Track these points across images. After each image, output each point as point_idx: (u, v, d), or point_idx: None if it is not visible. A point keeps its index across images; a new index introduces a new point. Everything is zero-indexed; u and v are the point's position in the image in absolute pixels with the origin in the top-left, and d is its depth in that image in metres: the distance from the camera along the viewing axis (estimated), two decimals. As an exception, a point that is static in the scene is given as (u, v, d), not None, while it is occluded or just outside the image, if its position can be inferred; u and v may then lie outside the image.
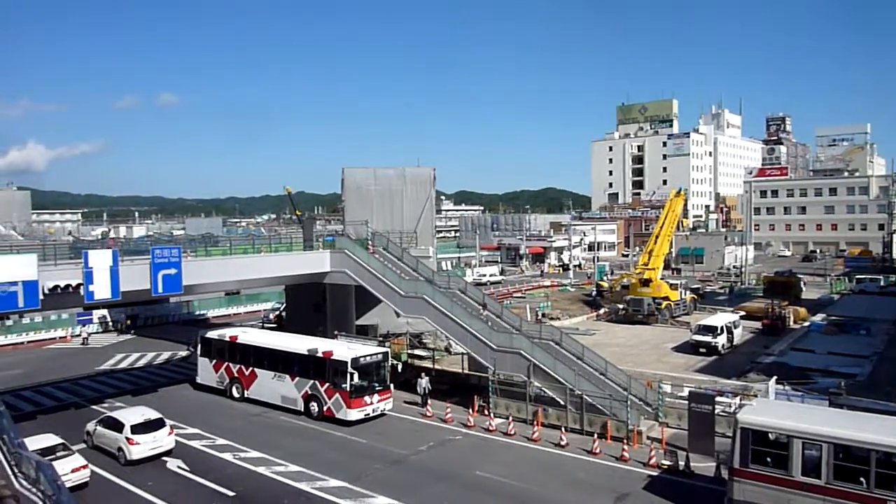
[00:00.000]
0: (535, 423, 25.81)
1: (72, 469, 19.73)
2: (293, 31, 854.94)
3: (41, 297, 23.54)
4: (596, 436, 24.06)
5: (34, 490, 12.99)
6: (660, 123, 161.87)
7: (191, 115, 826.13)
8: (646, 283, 51.23)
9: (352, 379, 26.50)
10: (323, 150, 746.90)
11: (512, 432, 25.39)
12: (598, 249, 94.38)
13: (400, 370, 30.07)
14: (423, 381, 29.37)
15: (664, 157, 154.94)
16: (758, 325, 45.77)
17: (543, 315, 51.07)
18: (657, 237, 54.02)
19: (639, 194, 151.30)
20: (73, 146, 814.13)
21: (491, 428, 25.96)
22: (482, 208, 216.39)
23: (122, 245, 35.57)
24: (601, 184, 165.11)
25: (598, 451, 23.19)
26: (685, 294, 53.75)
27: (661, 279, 53.42)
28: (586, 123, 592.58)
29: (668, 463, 21.69)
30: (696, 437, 22.55)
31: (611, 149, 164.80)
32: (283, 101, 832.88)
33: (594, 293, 61.64)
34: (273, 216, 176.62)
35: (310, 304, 38.41)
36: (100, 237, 75.85)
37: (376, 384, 27.66)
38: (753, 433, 17.10)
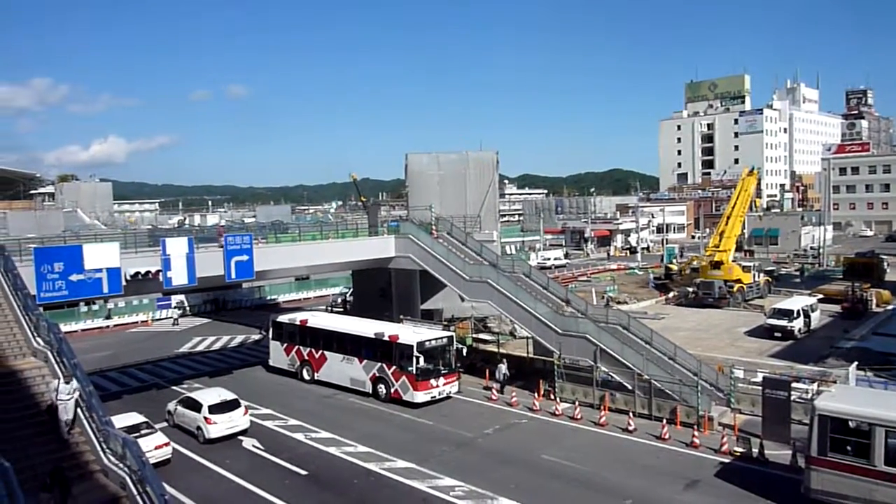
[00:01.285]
0: (602, 407, 25.57)
1: (155, 446, 20.78)
2: (355, 17, 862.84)
3: (124, 283, 24.79)
4: (665, 421, 23.65)
5: (121, 465, 13.79)
6: (731, 100, 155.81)
7: (259, 106, 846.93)
8: (717, 265, 49.73)
9: (417, 362, 26.86)
10: (387, 136, 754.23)
11: (578, 417, 25.24)
12: (666, 231, 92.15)
13: (465, 354, 30.28)
14: (503, 367, 29.27)
15: (736, 134, 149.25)
16: (837, 308, 43.80)
17: (610, 299, 50.32)
18: (729, 218, 52.29)
19: (709, 174, 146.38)
20: (150, 139, 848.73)
21: (557, 412, 25.87)
22: (546, 192, 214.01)
23: (198, 233, 36.95)
24: (669, 164, 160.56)
25: (667, 436, 22.79)
26: (758, 277, 51.89)
27: (733, 261, 51.76)
28: (653, 102, 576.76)
29: (740, 450, 21.14)
30: (771, 424, 21.89)
31: (679, 128, 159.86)
32: (348, 88, 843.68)
33: (652, 278, 60.20)
34: (340, 203, 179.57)
35: (376, 289, 39.02)
36: (176, 225, 78.93)
37: (442, 367, 27.95)
38: (833, 421, 16.47)
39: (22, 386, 16.21)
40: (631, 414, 24.62)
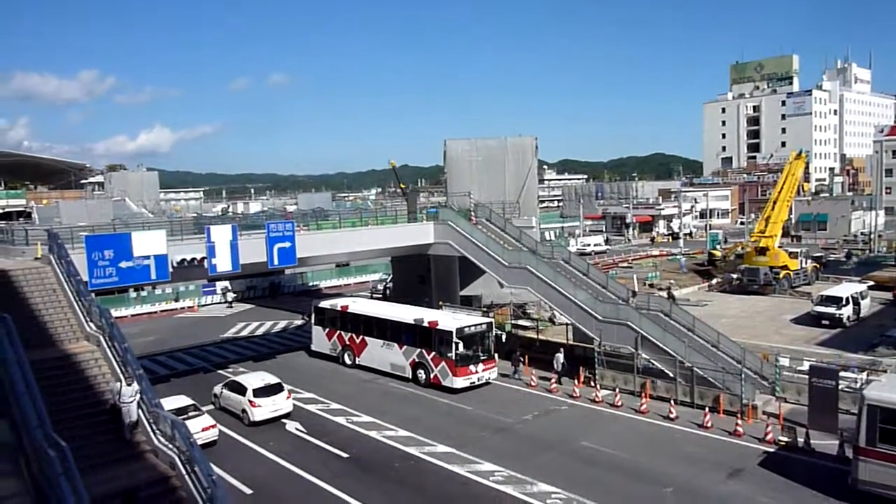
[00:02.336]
0: (643, 395, 25.35)
1: (202, 428, 21.38)
2: (392, 5, 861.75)
3: (170, 269, 25.44)
4: (707, 409, 23.33)
5: (170, 446, 14.23)
6: (778, 81, 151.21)
7: (299, 94, 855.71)
8: (762, 251, 48.59)
9: (457, 348, 26.99)
10: (425, 123, 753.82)
11: (619, 404, 25.08)
12: (710, 217, 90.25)
13: (504, 340, 30.31)
14: (560, 357, 28.68)
15: (783, 117, 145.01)
16: (888, 296, 42.42)
17: (651, 285, 49.67)
18: (775, 203, 50.94)
19: (754, 158, 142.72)
20: (194, 128, 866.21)
21: (597, 399, 25.75)
22: (586, 177, 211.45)
23: (241, 221, 37.67)
24: (713, 148, 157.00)
25: (709, 424, 22.50)
26: (806, 263, 50.53)
27: (780, 247, 50.46)
28: (697, 85, 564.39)
29: (785, 439, 20.75)
30: (818, 414, 21.41)
31: (724, 110, 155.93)
32: (387, 75, 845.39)
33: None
34: (379, 190, 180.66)
35: (415, 276, 39.26)
36: (220, 213, 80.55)
37: (481, 353, 28.04)
38: (882, 410, 16.06)
39: (76, 369, 16.82)
40: (672, 402, 24.36)
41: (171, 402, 21.53)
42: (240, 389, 24.87)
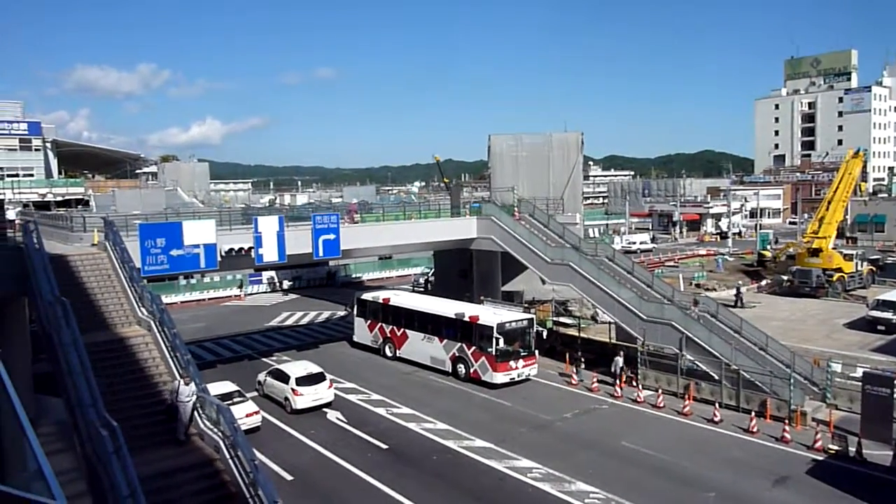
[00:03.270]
0: (686, 396, 24.90)
1: (246, 414, 21.85)
2: (435, 1, 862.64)
3: (219, 258, 26.04)
4: (753, 414, 22.78)
5: (215, 430, 14.60)
6: (835, 77, 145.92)
7: (346, 88, 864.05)
8: (815, 252, 47.13)
9: (497, 343, 26.95)
10: (470, 117, 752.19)
11: (661, 405, 24.71)
12: (760, 216, 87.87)
13: (545, 337, 30.14)
14: (619, 360, 27.17)
15: (839, 114, 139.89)
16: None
17: (698, 285, 48.69)
18: (830, 203, 49.31)
19: (809, 156, 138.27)
20: (244, 121, 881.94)
21: (639, 399, 25.41)
22: (632, 173, 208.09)
23: (287, 212, 38.28)
24: (766, 145, 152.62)
25: (755, 429, 21.98)
26: (861, 266, 48.82)
27: (834, 249, 48.86)
28: (749, 81, 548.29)
29: (835, 448, 20.14)
30: (871, 422, 20.71)
31: (777, 107, 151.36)
32: (432, 70, 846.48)
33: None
34: (422, 184, 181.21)
35: (457, 270, 39.31)
36: (267, 204, 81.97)
37: (521, 350, 27.94)
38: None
39: (128, 352, 17.38)
40: (717, 405, 23.86)
41: (216, 388, 22.03)
42: (283, 378, 25.33)
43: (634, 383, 26.67)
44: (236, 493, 13.30)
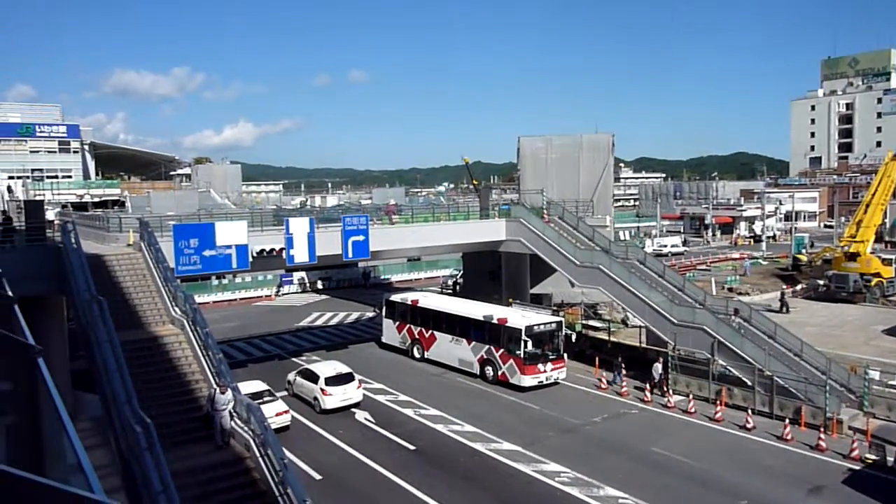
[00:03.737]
0: (718, 402, 24.52)
1: (276, 413, 22.09)
2: (464, 3, 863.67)
3: (251, 259, 26.39)
4: (787, 421, 22.33)
5: (245, 428, 14.80)
6: (874, 77, 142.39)
7: (377, 91, 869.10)
8: (852, 256, 46.04)
9: (525, 346, 26.85)
10: (499, 119, 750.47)
11: (692, 410, 24.36)
12: (795, 219, 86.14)
13: (574, 340, 29.94)
14: (658, 366, 26.64)
15: (878, 115, 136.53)
16: None
17: (731, 289, 47.91)
18: (868, 206, 48.12)
19: (846, 158, 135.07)
20: (276, 123, 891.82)
21: (669, 404, 25.10)
22: (664, 175, 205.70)
23: (318, 213, 38.64)
24: (801, 147, 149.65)
25: (789, 437, 21.56)
26: (901, 270, 47.52)
27: (872, 253, 47.69)
28: (784, 81, 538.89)
29: (873, 457, 19.64)
30: (910, 431, 20.16)
31: (813, 108, 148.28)
32: (461, 72, 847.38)
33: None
34: (451, 185, 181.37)
35: (485, 272, 39.26)
36: (298, 206, 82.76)
37: (550, 353, 27.80)
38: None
39: (161, 350, 17.71)
40: (750, 411, 23.46)
41: (247, 387, 22.32)
42: (312, 377, 25.55)
43: (665, 388, 26.34)
44: (266, 490, 13.47)
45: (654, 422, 23.88)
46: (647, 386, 26.42)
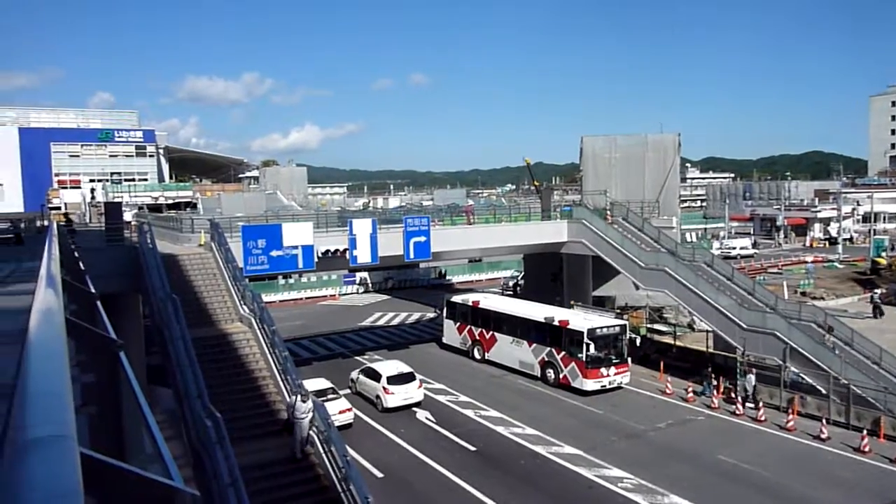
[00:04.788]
0: (789, 411, 23.57)
1: (339, 410, 22.45)
2: (528, 4, 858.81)
3: (316, 259, 26.98)
4: (865, 432, 21.26)
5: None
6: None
7: (438, 93, 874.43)
8: (939, 261, 43.51)
9: (588, 349, 26.49)
10: (561, 120, 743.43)
11: (762, 419, 23.52)
12: (875, 221, 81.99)
13: (638, 344, 29.35)
14: (752, 378, 25.10)
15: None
16: None
17: (804, 293, 46.02)
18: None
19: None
20: (340, 126, 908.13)
21: (738, 412, 24.29)
22: (733, 175, 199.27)
23: (380, 215, 39.18)
24: (881, 145, 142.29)
25: (867, 449, 20.54)
26: None
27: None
28: (862, 77, 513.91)
29: (960, 472, 18.52)
30: None
31: (894, 103, 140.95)
32: (522, 72, 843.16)
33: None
34: (512, 187, 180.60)
35: (547, 274, 38.94)
36: (361, 207, 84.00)
37: (613, 356, 27.34)
38: None
39: (230, 347, 18.33)
40: (824, 421, 22.45)
41: (312, 384, 22.73)
42: (375, 376, 25.90)
43: (733, 395, 25.52)
44: (329, 486, 13.75)
45: (721, 429, 23.18)
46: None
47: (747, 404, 24.71)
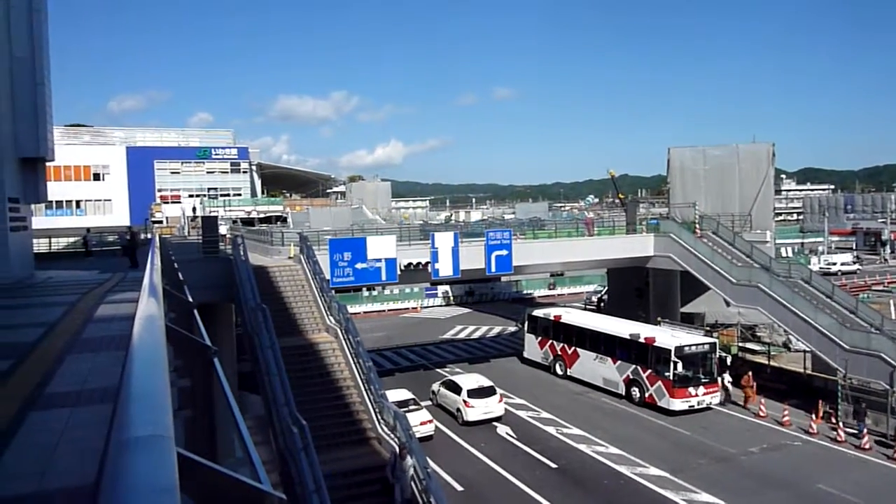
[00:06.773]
0: (898, 439, 21.93)
1: (420, 422, 22.54)
2: (612, 13, 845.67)
3: (398, 272, 27.41)
4: None
5: (392, 435, 15.33)
6: None
7: (521, 107, 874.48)
8: None
9: (675, 367, 25.60)
10: (648, 131, 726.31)
11: (866, 446, 21.99)
12: None
13: (729, 363, 28.12)
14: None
15: None
16: None
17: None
18: None
19: None
20: (424, 142, 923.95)
21: (839, 438, 22.81)
22: (832, 187, 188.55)
23: (462, 228, 39.37)
24: None
25: None
26: None
27: None
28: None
29: None
30: None
31: None
32: (607, 84, 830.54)
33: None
34: (596, 200, 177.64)
35: (632, 289, 37.98)
36: (443, 221, 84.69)
37: (702, 376, 26.30)
38: None
39: (317, 357, 18.86)
40: (938, 451, 20.77)
41: (394, 395, 22.92)
42: (456, 389, 25.96)
43: (834, 420, 23.99)
44: (410, 497, 13.84)
45: (820, 456, 21.83)
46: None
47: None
